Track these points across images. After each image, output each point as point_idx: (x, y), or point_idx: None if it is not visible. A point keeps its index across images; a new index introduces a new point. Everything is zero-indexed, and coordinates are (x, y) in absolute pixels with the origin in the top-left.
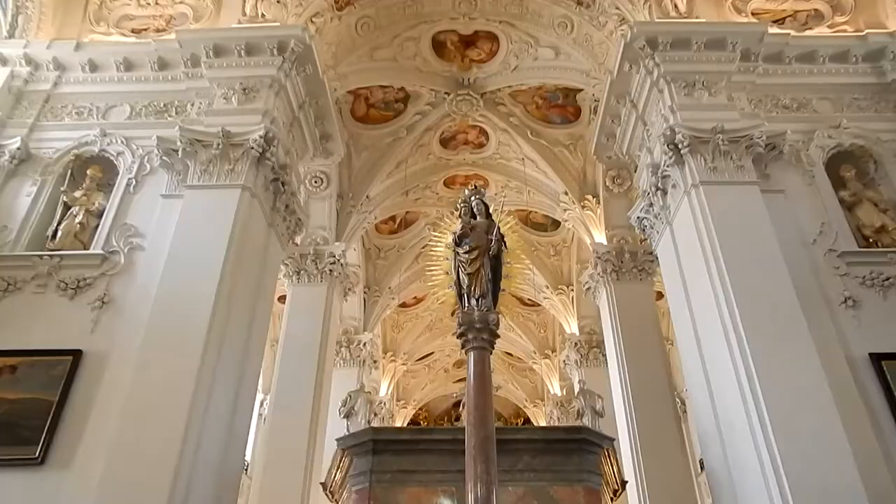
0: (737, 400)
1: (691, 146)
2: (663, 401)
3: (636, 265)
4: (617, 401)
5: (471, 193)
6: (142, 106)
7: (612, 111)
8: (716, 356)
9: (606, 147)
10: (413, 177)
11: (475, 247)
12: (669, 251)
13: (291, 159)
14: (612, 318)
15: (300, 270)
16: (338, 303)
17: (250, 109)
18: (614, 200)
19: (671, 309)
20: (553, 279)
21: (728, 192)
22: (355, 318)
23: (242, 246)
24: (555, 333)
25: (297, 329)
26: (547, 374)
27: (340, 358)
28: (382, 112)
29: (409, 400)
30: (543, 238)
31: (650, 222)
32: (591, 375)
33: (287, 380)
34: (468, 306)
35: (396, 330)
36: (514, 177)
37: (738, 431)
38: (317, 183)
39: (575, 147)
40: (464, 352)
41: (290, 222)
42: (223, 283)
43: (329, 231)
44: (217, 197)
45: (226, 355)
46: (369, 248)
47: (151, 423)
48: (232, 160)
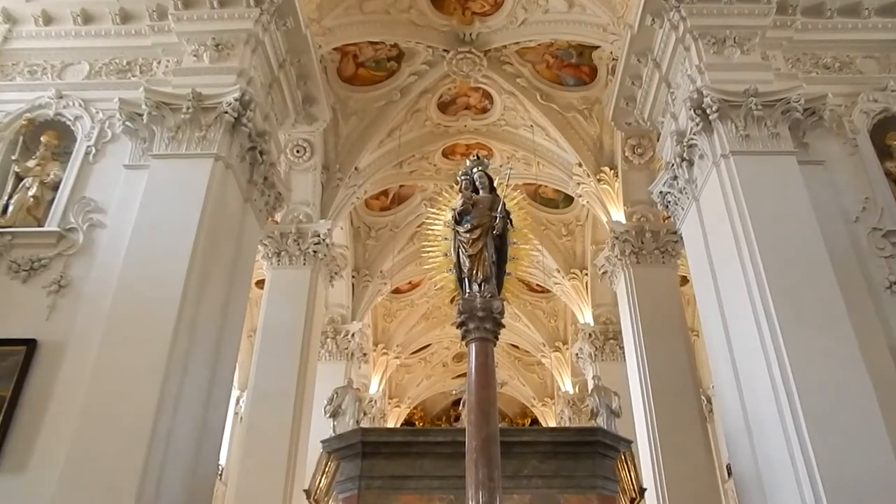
0: (769, 396)
1: (721, 111)
2: (687, 399)
3: (658, 246)
4: (635, 399)
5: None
6: (102, 64)
7: (633, 71)
8: (746, 348)
9: (626, 112)
10: (408, 146)
11: (477, 225)
12: (695, 230)
13: (271, 125)
14: (631, 306)
15: (280, 251)
16: (323, 288)
17: (224, 69)
18: (634, 173)
19: (697, 295)
20: (565, 262)
21: (762, 164)
22: (343, 305)
23: (215, 223)
24: (566, 323)
25: (276, 317)
26: (557, 368)
27: (326, 350)
28: (373, 72)
29: (402, 398)
30: (554, 215)
31: (674, 198)
32: (607, 370)
33: (266, 374)
34: (469, 292)
35: (389, 319)
36: (522, 146)
37: (770, 431)
38: (299, 153)
39: (590, 112)
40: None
41: (269, 197)
42: (194, 265)
43: (313, 207)
44: (187, 167)
45: (197, 346)
46: (358, 226)
47: (115, 422)
48: (203, 126)
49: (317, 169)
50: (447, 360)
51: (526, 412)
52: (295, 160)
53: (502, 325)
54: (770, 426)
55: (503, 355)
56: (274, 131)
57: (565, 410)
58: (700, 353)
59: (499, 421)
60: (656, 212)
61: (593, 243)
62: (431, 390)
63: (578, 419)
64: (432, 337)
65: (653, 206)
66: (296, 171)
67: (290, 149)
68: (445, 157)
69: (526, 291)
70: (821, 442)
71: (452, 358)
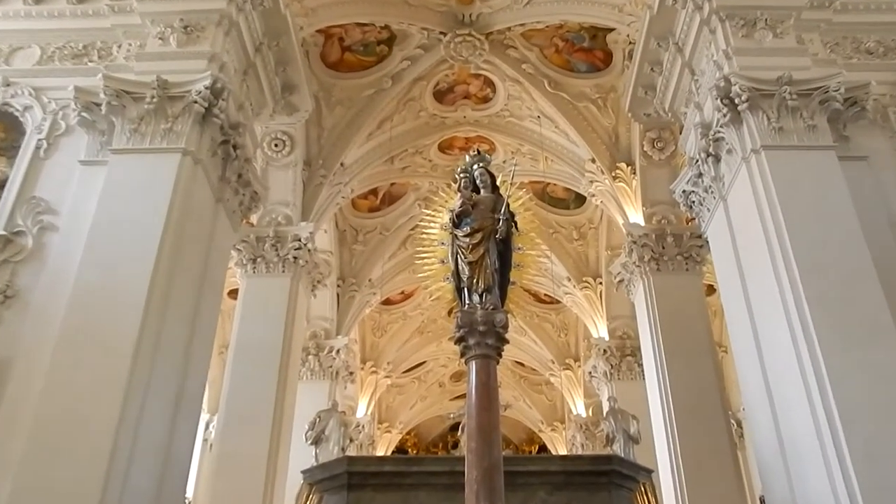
0: (806, 420)
1: (751, 101)
2: (714, 422)
3: (681, 252)
4: (656, 423)
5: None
6: (55, 48)
7: (652, 57)
8: (781, 365)
9: (644, 102)
10: (400, 139)
11: (478, 228)
12: (723, 233)
13: (246, 116)
14: (651, 319)
15: (256, 257)
16: (304, 299)
17: (193, 53)
18: (654, 170)
19: (725, 307)
20: (576, 269)
21: (797, 159)
22: (326, 318)
23: (183, 226)
24: (578, 338)
25: (251, 332)
26: (568, 389)
27: (307, 369)
28: (361, 57)
29: (394, 422)
30: (564, 217)
31: (699, 197)
32: (624, 391)
33: (239, 396)
34: (469, 303)
35: (378, 333)
36: (528, 140)
37: (809, 460)
38: (278, 147)
39: (604, 102)
40: (463, 361)
41: (243, 196)
42: (158, 273)
43: (293, 208)
44: (151, 163)
45: (162, 364)
46: (344, 229)
47: (67, 449)
48: (170, 117)
49: (297, 165)
50: (444, 380)
51: (533, 438)
52: (273, 155)
53: (506, 340)
54: (808, 454)
55: (507, 374)
56: (249, 123)
57: (577, 436)
58: (729, 371)
59: (503, 448)
60: (679, 213)
61: (608, 248)
62: (426, 413)
63: (592, 446)
64: (427, 353)
65: (675, 207)
66: (274, 167)
67: (268, 142)
68: (442, 151)
69: (533, 302)
70: (866, 472)
71: (450, 377)
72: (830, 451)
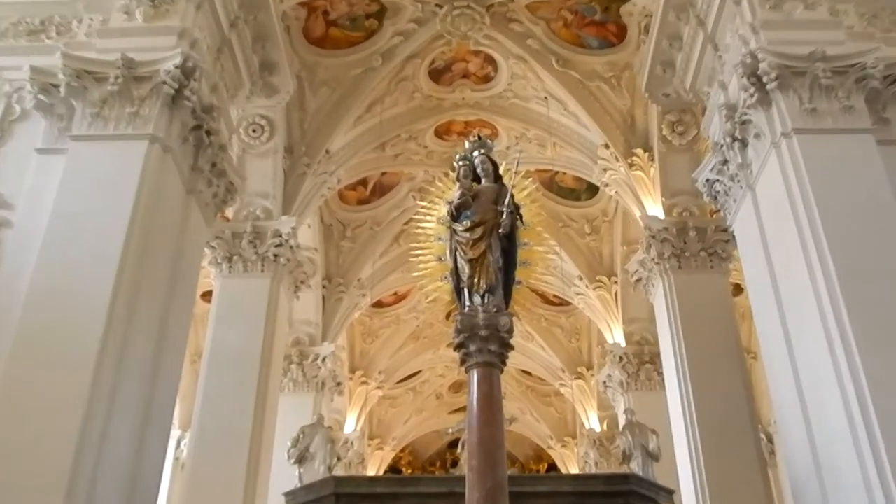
0: (844, 435)
1: (780, 80)
2: (742, 437)
3: (705, 247)
4: (678, 438)
5: (473, 147)
6: (9, 24)
7: (671, 30)
8: (816, 374)
9: (663, 81)
10: (392, 123)
11: (479, 222)
12: (751, 227)
13: (220, 99)
14: (672, 322)
15: (232, 256)
16: (286, 301)
17: (162, 28)
18: (674, 156)
19: (754, 308)
20: (589, 267)
21: (832, 144)
22: (311, 322)
23: (151, 221)
24: (591, 344)
25: (227, 338)
26: (580, 400)
27: (290, 379)
28: (348, 32)
29: (386, 438)
30: (575, 209)
31: (724, 186)
32: (643, 402)
33: (214, 410)
34: (470, 305)
35: (369, 339)
36: (534, 123)
37: (847, 480)
38: (256, 132)
39: (619, 81)
40: (463, 370)
41: (218, 188)
42: (124, 274)
43: (273, 200)
44: (114, 151)
45: (127, 375)
46: (330, 223)
47: (22, 472)
48: (136, 100)
49: (278, 152)
50: (442, 391)
51: (541, 455)
52: (251, 142)
53: (511, 346)
54: (847, 473)
55: (512, 384)
56: (224, 106)
57: (590, 453)
58: (758, 380)
59: (507, 467)
60: (702, 204)
61: (624, 244)
62: (422, 428)
63: (607, 464)
64: (423, 362)
65: (698, 198)
66: (252, 155)
67: (245, 128)
68: (439, 137)
69: (540, 304)
70: None
71: (448, 388)
72: (871, 471)
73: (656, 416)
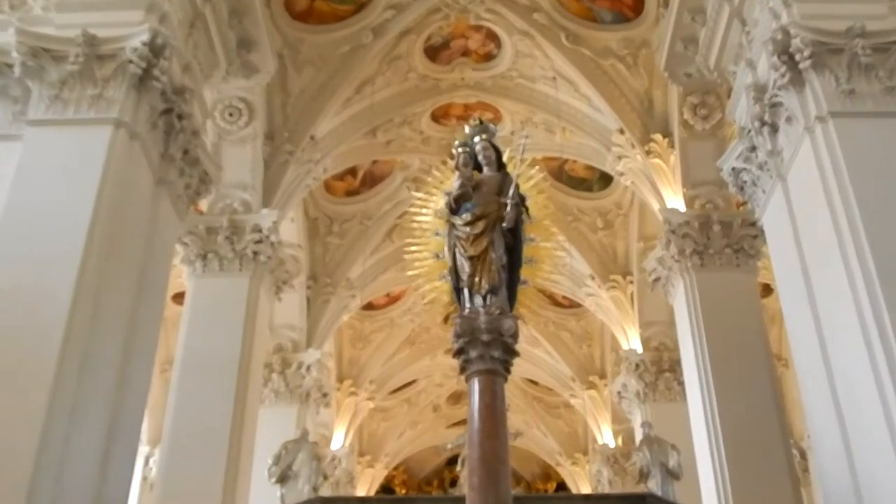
0: (885, 449)
1: (815, 58)
2: (772, 453)
3: (730, 243)
4: (701, 454)
5: (474, 132)
6: None
7: (693, 3)
8: (853, 382)
9: (684, 59)
10: (384, 107)
11: (481, 215)
12: (782, 220)
13: (193, 79)
14: (694, 326)
15: (207, 253)
16: (267, 303)
17: (127, 1)
18: (696, 143)
19: (784, 310)
20: (601, 266)
21: (871, 129)
22: (294, 326)
23: (116, 215)
24: (604, 350)
25: (202, 345)
26: (592, 413)
27: (271, 389)
28: (335, 5)
29: (378, 454)
30: (587, 201)
31: (752, 176)
32: (662, 415)
33: (187, 423)
34: (470, 307)
35: (359, 345)
36: (541, 106)
37: (890, 499)
38: (233, 116)
39: (635, 60)
40: (464, 379)
41: (191, 178)
42: (86, 275)
43: (252, 192)
44: (76, 138)
45: (91, 386)
46: (316, 217)
47: None
48: (99, 81)
49: (257, 139)
50: (439, 402)
51: (549, 473)
52: (227, 127)
53: (516, 352)
54: (888, 491)
55: (517, 394)
56: (197, 88)
57: (604, 471)
58: (790, 389)
59: (512, 486)
60: (728, 195)
61: (641, 239)
62: (418, 444)
63: (622, 482)
64: (419, 370)
65: (723, 188)
66: (229, 141)
67: (221, 111)
68: (436, 121)
69: (548, 306)
70: None
71: (447, 399)
72: None
73: (677, 430)
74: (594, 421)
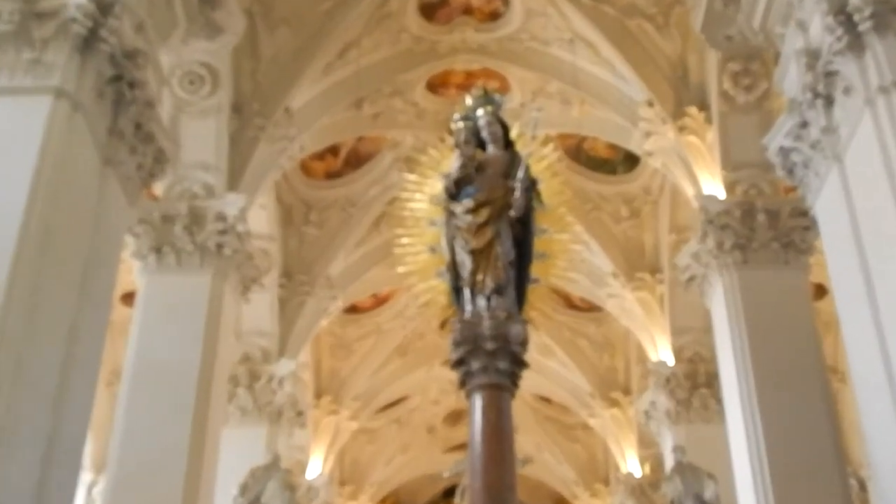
0: None
1: (877, 19)
2: (827, 483)
3: (777, 236)
4: (742, 484)
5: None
6: None
7: None
8: None
9: (724, 19)
10: (372, 73)
11: (485, 201)
12: (838, 209)
13: (147, 42)
14: (735, 333)
15: (162, 246)
16: (232, 305)
17: None
18: (738, 117)
19: (841, 315)
20: (626, 262)
21: None
22: (265, 332)
23: (55, 200)
24: (629, 361)
25: (155, 354)
26: (615, 435)
27: (236, 406)
28: None
29: (362, 483)
30: (609, 186)
31: (803, 157)
32: (697, 438)
33: (137, 446)
34: (472, 310)
35: (341, 355)
36: (556, 74)
37: None
38: (194, 85)
39: (666, 19)
40: (464, 394)
41: (144, 157)
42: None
43: (216, 173)
44: (9, 109)
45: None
46: (291, 204)
47: None
48: (37, 43)
49: (222, 111)
50: (435, 423)
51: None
52: (188, 97)
53: (525, 363)
54: None
55: (527, 413)
56: (153, 51)
57: (628, 503)
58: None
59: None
60: (775, 180)
61: (672, 231)
62: (410, 471)
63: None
64: (411, 384)
65: (769, 171)
66: (189, 114)
67: (180, 79)
68: (432, 91)
69: (563, 309)
70: None
71: (444, 418)
72: None
73: (714, 456)
74: (617, 445)
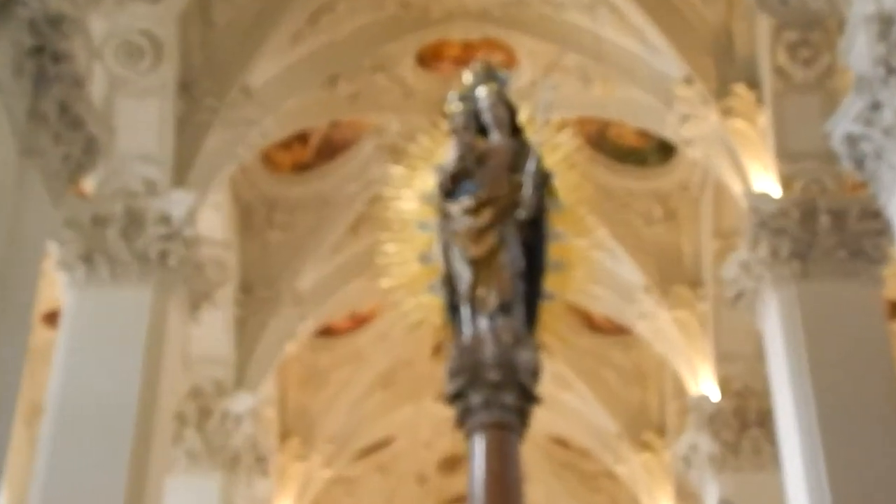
0: None
1: None
2: None
3: (844, 242)
4: None
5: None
6: None
7: None
8: None
9: None
10: (348, 45)
11: (488, 200)
12: None
13: (75, 5)
14: (794, 362)
15: (93, 254)
16: (179, 326)
17: None
18: (796, 97)
19: None
20: (660, 273)
21: None
22: (218, 360)
23: None
24: (663, 395)
25: (84, 385)
26: (647, 486)
27: (184, 450)
28: None
29: None
30: (639, 181)
31: (875, 145)
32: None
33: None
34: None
35: (312, 387)
36: (573, 45)
37: None
38: (133, 58)
39: None
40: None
41: (71, 146)
42: None
43: (160, 166)
44: None
45: None
46: (250, 203)
47: None
48: None
49: (167, 90)
50: (427, 470)
51: None
52: (124, 73)
53: (537, 397)
54: None
55: (539, 458)
56: (81, 17)
57: None
58: None
59: None
60: (839, 174)
61: (717, 236)
62: None
63: None
64: (398, 422)
65: (832, 163)
66: (126, 94)
67: (115, 51)
68: (423, 66)
69: (584, 331)
70: None
71: (437, 465)
72: None
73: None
74: (649, 497)
